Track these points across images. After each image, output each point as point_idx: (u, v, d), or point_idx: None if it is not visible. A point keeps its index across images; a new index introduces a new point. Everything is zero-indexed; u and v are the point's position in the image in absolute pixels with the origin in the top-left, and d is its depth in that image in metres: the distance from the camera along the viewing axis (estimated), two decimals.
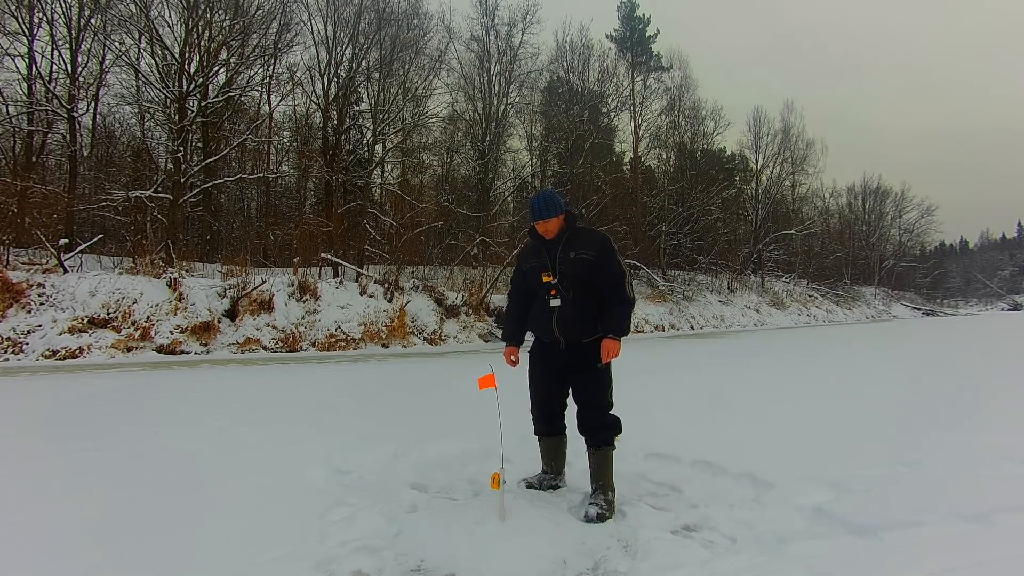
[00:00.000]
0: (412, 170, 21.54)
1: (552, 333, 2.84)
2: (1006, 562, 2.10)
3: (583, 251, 2.80)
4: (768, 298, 32.36)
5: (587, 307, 2.81)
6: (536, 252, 2.92)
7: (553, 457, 3.09)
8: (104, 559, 2.23)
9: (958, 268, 76.10)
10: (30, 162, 15.23)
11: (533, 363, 3.01)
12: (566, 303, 2.81)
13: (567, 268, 2.80)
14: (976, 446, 3.67)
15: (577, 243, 2.83)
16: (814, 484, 2.97)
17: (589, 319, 2.81)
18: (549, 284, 2.83)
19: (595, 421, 2.84)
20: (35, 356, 9.93)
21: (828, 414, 4.95)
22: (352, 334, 13.55)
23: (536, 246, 2.94)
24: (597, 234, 2.92)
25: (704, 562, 2.24)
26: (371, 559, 2.27)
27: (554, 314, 2.82)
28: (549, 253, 2.86)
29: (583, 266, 2.78)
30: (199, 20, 15.75)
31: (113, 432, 4.46)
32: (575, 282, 2.80)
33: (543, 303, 2.88)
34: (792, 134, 37.73)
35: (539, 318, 2.90)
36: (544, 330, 2.88)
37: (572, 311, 2.80)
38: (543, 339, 2.94)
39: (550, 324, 2.83)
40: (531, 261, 2.94)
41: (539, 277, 2.87)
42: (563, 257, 2.81)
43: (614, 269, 2.81)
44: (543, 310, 2.87)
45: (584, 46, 27.21)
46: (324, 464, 3.45)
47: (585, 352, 2.82)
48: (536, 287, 2.93)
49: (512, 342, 3.06)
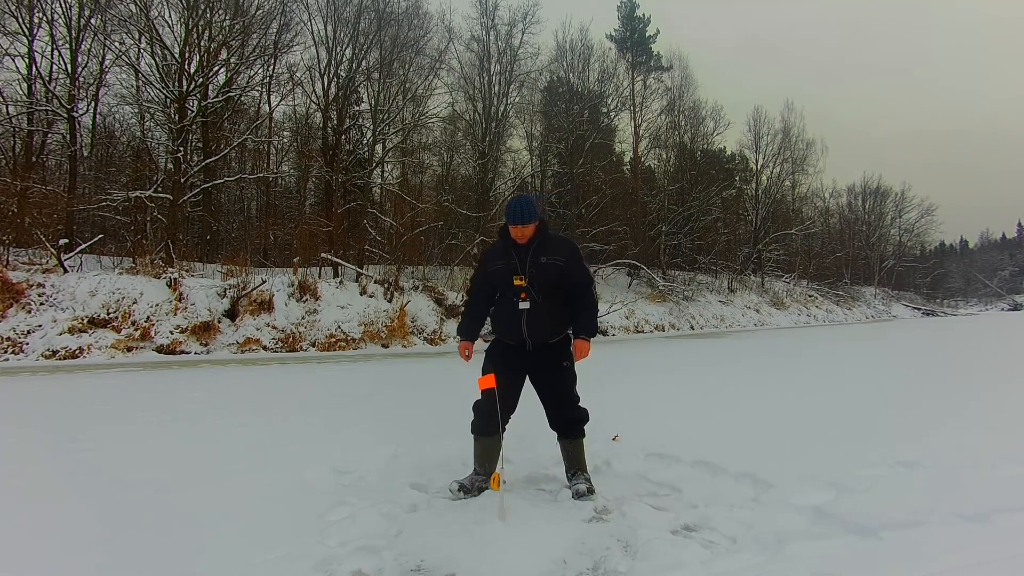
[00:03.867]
0: (412, 170, 21.53)
1: (521, 335, 2.89)
2: (1006, 562, 2.10)
3: (554, 256, 2.88)
4: (768, 298, 32.36)
5: (555, 310, 2.90)
6: (504, 254, 2.94)
7: (490, 458, 3.02)
8: (104, 559, 2.23)
9: (958, 268, 76.05)
10: (30, 162, 15.22)
11: (491, 364, 3.00)
12: (536, 306, 2.86)
13: (538, 272, 2.86)
14: (976, 446, 3.67)
15: (548, 249, 2.89)
16: (814, 484, 2.97)
17: (556, 321, 2.91)
18: (520, 287, 2.86)
19: (570, 416, 2.95)
20: (35, 356, 9.93)
21: (828, 414, 4.95)
22: (352, 334, 13.55)
23: (504, 248, 2.95)
24: (567, 241, 3.04)
25: (704, 562, 2.23)
26: (371, 559, 2.27)
27: (523, 317, 2.86)
28: (519, 256, 2.89)
29: (554, 271, 2.87)
30: (199, 20, 15.75)
31: (112, 432, 4.46)
32: (545, 286, 2.87)
33: (511, 305, 2.90)
34: (792, 134, 37.76)
35: (507, 320, 2.92)
36: (512, 332, 2.92)
37: (542, 314, 2.86)
38: (509, 341, 2.97)
39: (519, 327, 2.87)
40: (499, 263, 2.95)
41: (508, 279, 2.90)
42: (534, 261, 2.87)
43: (582, 275, 2.96)
44: (511, 313, 2.90)
45: (584, 46, 27.20)
46: (324, 464, 3.45)
47: (551, 351, 2.92)
48: (504, 289, 2.95)
49: (468, 337, 3.10)
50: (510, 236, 2.92)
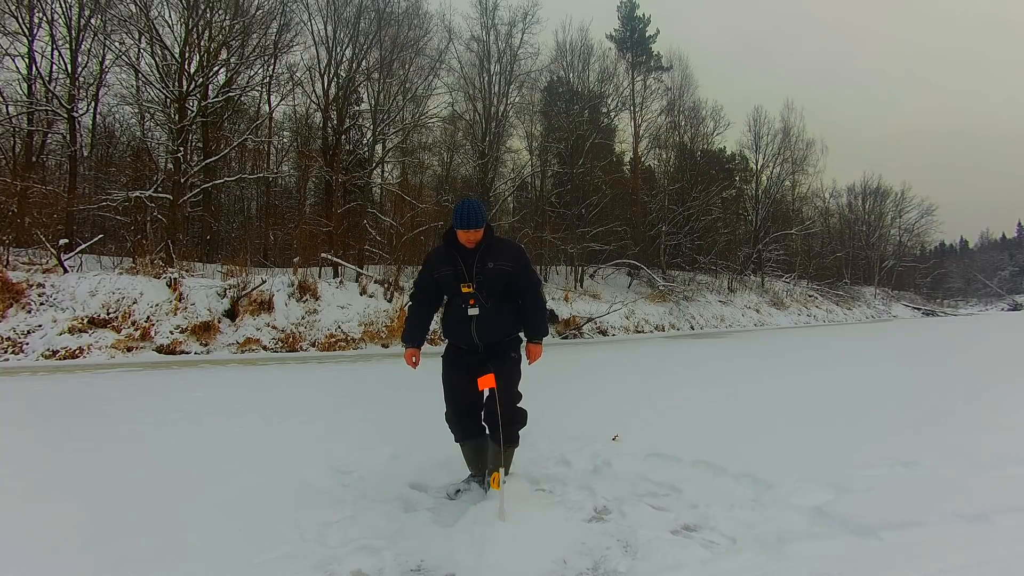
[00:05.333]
0: (412, 170, 21.53)
1: (471, 340, 2.86)
2: (1006, 562, 2.10)
3: (501, 262, 2.84)
4: (768, 298, 32.35)
5: (504, 313, 2.89)
6: (449, 260, 2.86)
7: (480, 460, 3.03)
8: (104, 559, 2.23)
9: (958, 268, 76.00)
10: (30, 162, 15.23)
11: (447, 368, 2.99)
12: (485, 311, 2.83)
13: (485, 278, 2.82)
14: (976, 446, 3.67)
15: (494, 254, 2.84)
16: (814, 484, 2.98)
17: (506, 324, 2.90)
18: (468, 294, 2.83)
19: (507, 415, 2.82)
20: (35, 356, 9.93)
21: (828, 414, 4.95)
22: (352, 334, 13.55)
23: (448, 254, 2.87)
24: (512, 244, 3.01)
25: (704, 562, 2.24)
26: (371, 559, 2.27)
27: (472, 323, 2.83)
28: (465, 262, 2.83)
29: (502, 276, 2.85)
30: (199, 20, 15.76)
31: (113, 432, 4.46)
32: (493, 291, 2.85)
33: (460, 312, 2.87)
34: (792, 134, 37.72)
35: (457, 327, 2.90)
36: (463, 337, 2.89)
37: (491, 319, 2.85)
38: (460, 345, 2.95)
39: (469, 332, 2.85)
40: (445, 268, 2.89)
41: (455, 286, 2.86)
42: (480, 267, 2.82)
43: (532, 278, 2.95)
44: (461, 319, 2.86)
45: (584, 46, 27.19)
46: (324, 464, 3.45)
47: (500, 347, 2.90)
48: (451, 295, 2.93)
49: (414, 344, 3.03)
50: (456, 241, 2.84)
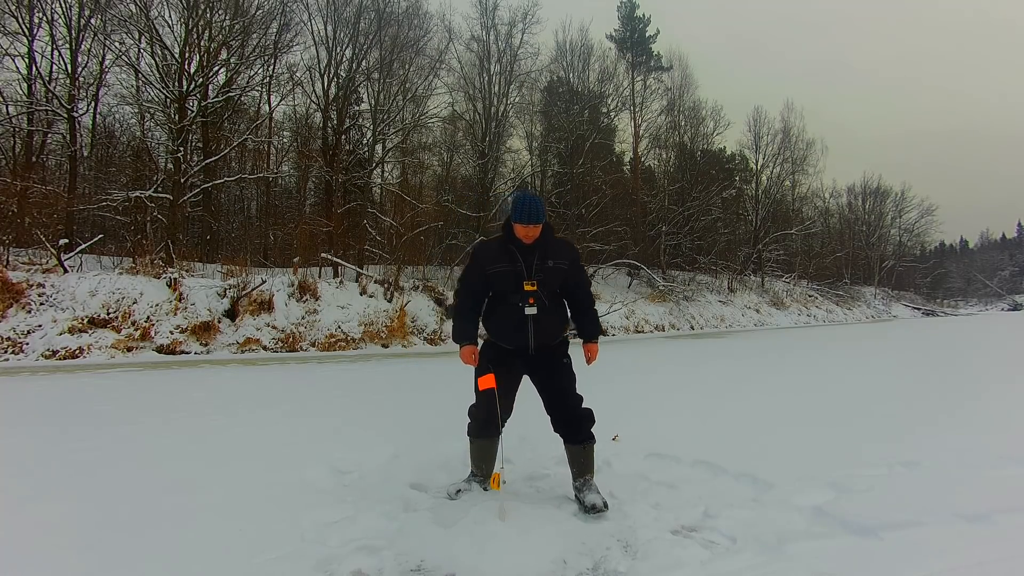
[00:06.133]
0: (412, 170, 21.54)
1: (525, 340, 2.78)
2: (1006, 562, 2.10)
3: (559, 260, 2.81)
4: (768, 298, 32.35)
5: (559, 313, 2.87)
6: (508, 256, 2.78)
7: (487, 459, 3.00)
8: (104, 559, 2.23)
9: (958, 268, 76.06)
10: (30, 162, 15.22)
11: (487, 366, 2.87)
12: (543, 310, 2.77)
13: (545, 276, 2.77)
14: (976, 446, 3.67)
15: (553, 252, 2.80)
16: (814, 484, 2.98)
17: (560, 324, 2.88)
18: (530, 292, 2.74)
19: (576, 415, 2.83)
20: (35, 356, 9.93)
21: (828, 414, 4.95)
22: (352, 334, 13.55)
23: (507, 249, 2.79)
24: (569, 244, 2.99)
25: (704, 562, 2.24)
26: (371, 559, 2.27)
27: (530, 322, 2.76)
28: (525, 260, 2.75)
29: (559, 274, 2.83)
30: (199, 20, 15.75)
31: (112, 432, 4.46)
32: (550, 290, 2.82)
33: (514, 311, 2.76)
34: (792, 134, 37.76)
35: (509, 327, 2.80)
36: (517, 338, 2.79)
37: (548, 318, 2.80)
38: (507, 346, 2.84)
39: (525, 333, 2.76)
40: (501, 264, 2.78)
41: (515, 283, 2.75)
42: (540, 264, 2.76)
43: (585, 277, 2.97)
44: (516, 319, 2.76)
45: (584, 46, 27.20)
46: (324, 464, 3.45)
47: (550, 350, 2.86)
48: (507, 294, 2.80)
49: (471, 341, 2.90)
50: (514, 236, 2.76)
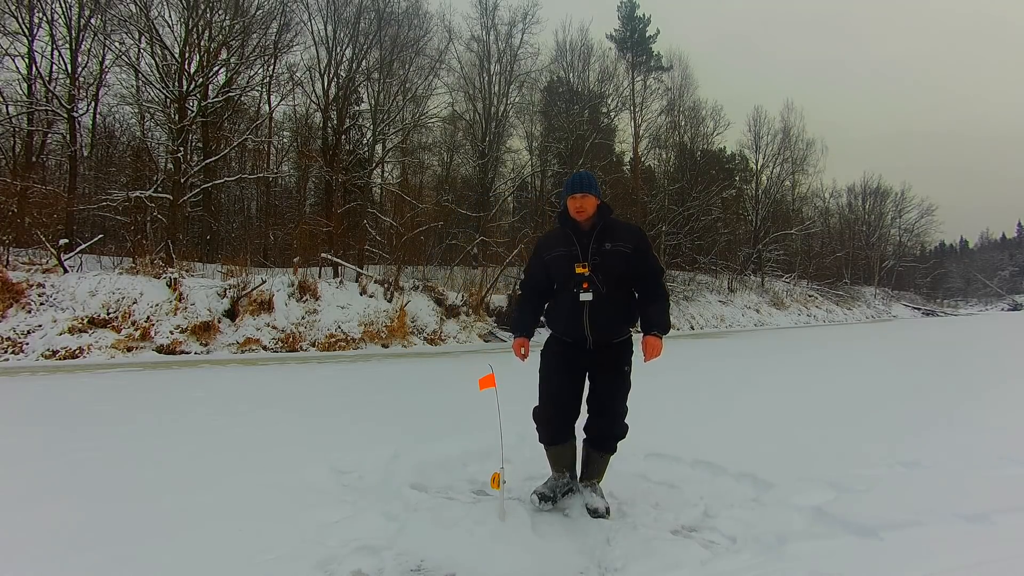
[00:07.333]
0: (412, 170, 21.56)
1: (581, 331, 2.58)
2: (1006, 562, 2.10)
3: (619, 243, 2.58)
4: (768, 298, 32.35)
5: (620, 304, 2.61)
6: (564, 240, 2.64)
7: (568, 463, 2.82)
8: (104, 559, 2.23)
9: (958, 268, 76.07)
10: (30, 162, 15.23)
11: (550, 361, 2.73)
12: (599, 298, 2.55)
13: (602, 260, 2.56)
14: (976, 446, 3.67)
15: (612, 234, 2.60)
16: (814, 484, 2.97)
17: (622, 317, 2.62)
18: (582, 276, 2.56)
19: (610, 430, 2.70)
20: (35, 356, 9.92)
21: (828, 414, 4.95)
22: (352, 334, 13.54)
23: (564, 234, 2.65)
24: (633, 226, 2.71)
25: (704, 562, 2.23)
26: (371, 559, 2.27)
27: (585, 309, 2.56)
28: (580, 243, 2.59)
29: (619, 259, 2.58)
30: (199, 20, 15.76)
31: (112, 432, 4.46)
32: (610, 276, 2.57)
33: (571, 298, 2.59)
34: (792, 134, 37.80)
35: (565, 315, 2.62)
36: (571, 328, 2.61)
37: (605, 307, 2.56)
38: (566, 339, 2.67)
39: (580, 321, 2.57)
40: (558, 249, 2.64)
41: (569, 267, 2.59)
42: (597, 247, 2.57)
43: (653, 264, 2.65)
44: (571, 306, 2.58)
45: (584, 46, 27.25)
46: (324, 464, 3.45)
47: (612, 353, 2.63)
48: (563, 279, 2.65)
49: (523, 333, 2.78)
50: (569, 218, 2.64)
